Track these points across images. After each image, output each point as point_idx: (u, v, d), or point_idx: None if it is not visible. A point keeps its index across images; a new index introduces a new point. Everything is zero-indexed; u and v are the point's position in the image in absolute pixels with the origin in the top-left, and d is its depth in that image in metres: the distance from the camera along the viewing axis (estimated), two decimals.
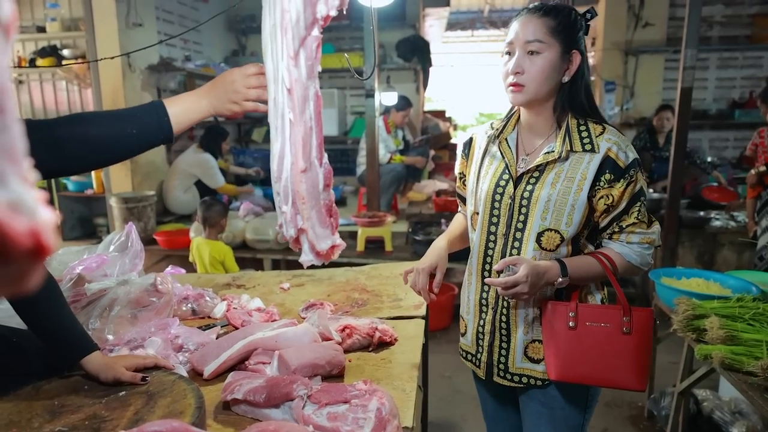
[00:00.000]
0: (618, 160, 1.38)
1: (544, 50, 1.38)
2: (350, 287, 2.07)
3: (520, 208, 1.45)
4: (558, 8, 1.41)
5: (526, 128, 1.52)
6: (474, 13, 11.13)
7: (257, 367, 1.36)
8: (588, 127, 1.43)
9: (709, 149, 6.40)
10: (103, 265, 1.79)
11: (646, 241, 1.44)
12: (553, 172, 1.42)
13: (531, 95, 1.41)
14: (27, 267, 0.32)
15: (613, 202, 1.40)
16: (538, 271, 1.36)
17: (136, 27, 4.65)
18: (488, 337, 1.54)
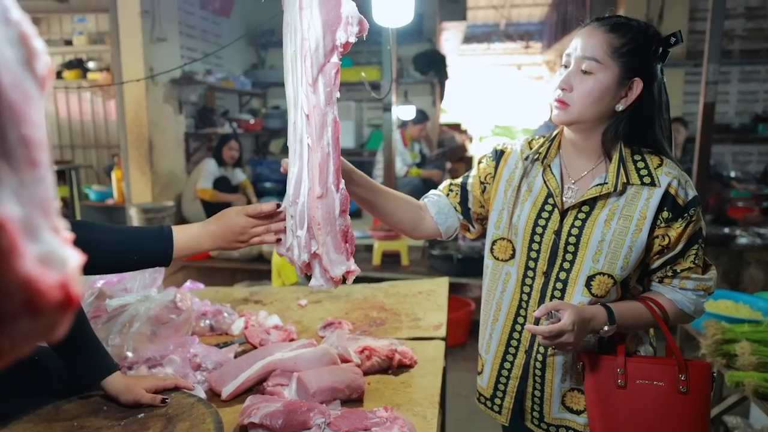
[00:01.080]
0: (678, 197, 1.23)
1: (598, 71, 1.22)
2: (368, 305, 2.06)
3: (566, 246, 1.29)
4: (630, 25, 1.24)
5: (571, 152, 1.35)
6: (490, 26, 11.19)
7: (276, 389, 1.34)
8: (644, 158, 1.28)
9: (732, 163, 6.31)
10: (124, 279, 1.80)
11: (701, 288, 1.30)
12: (606, 207, 1.27)
13: (574, 116, 1.26)
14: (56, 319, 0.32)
15: (669, 244, 1.25)
16: (584, 317, 1.21)
17: (160, 42, 4.72)
18: (516, 382, 1.39)
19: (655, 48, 1.24)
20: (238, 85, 6.13)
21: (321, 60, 1.01)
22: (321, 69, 1.02)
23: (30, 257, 0.30)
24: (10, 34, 0.33)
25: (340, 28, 1.00)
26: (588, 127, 1.29)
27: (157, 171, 4.87)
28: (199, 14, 5.64)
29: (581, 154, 1.34)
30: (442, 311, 1.93)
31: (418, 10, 6.69)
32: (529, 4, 10.15)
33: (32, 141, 0.32)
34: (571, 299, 1.29)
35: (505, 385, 1.41)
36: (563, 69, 1.28)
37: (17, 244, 0.29)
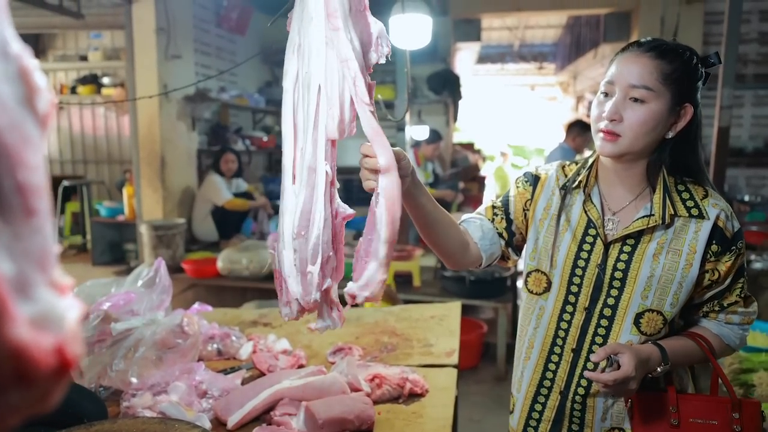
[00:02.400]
0: (726, 230, 1.19)
1: (651, 99, 1.16)
2: (379, 329, 2.02)
3: (611, 281, 1.22)
4: (676, 50, 1.19)
5: (610, 180, 1.28)
6: (504, 47, 11.23)
7: (283, 419, 1.31)
8: (688, 188, 1.23)
9: (747, 187, 6.25)
10: (131, 302, 1.77)
11: (746, 322, 1.28)
12: (653, 241, 1.21)
13: (625, 148, 1.18)
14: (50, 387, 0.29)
15: (719, 278, 1.21)
16: (641, 359, 1.15)
17: (174, 59, 4.76)
18: (548, 426, 1.31)
19: (700, 72, 1.21)
20: (251, 102, 6.16)
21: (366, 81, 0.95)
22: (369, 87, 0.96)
23: (22, 320, 0.27)
24: (9, 69, 0.31)
25: (372, 49, 0.96)
26: (635, 157, 1.22)
27: (168, 188, 4.87)
28: (214, 32, 5.69)
29: (622, 184, 1.26)
30: (455, 337, 1.89)
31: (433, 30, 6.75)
32: (543, 26, 10.18)
33: (29, 188, 0.29)
34: (617, 337, 1.23)
35: (536, 428, 1.33)
36: (603, 97, 1.21)
37: (7, 306, 0.26)
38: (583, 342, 1.26)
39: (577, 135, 4.79)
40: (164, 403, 1.34)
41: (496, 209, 1.39)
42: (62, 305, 0.30)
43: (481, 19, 7.58)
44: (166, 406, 1.33)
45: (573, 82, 11.35)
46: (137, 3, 4.54)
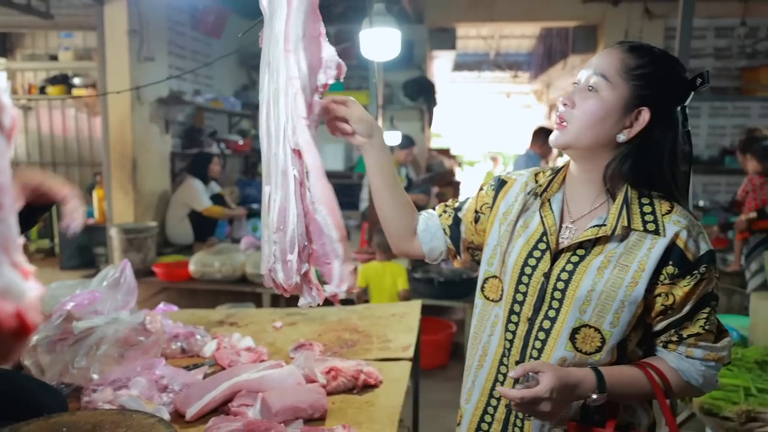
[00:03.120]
0: (687, 250, 1.07)
1: (604, 90, 1.10)
2: (342, 327, 2.07)
3: (553, 292, 1.14)
4: (650, 50, 1.12)
5: (574, 187, 1.21)
6: (481, 55, 11.40)
7: (240, 410, 1.35)
8: (653, 202, 1.12)
9: (702, 193, 6.51)
10: (95, 302, 1.79)
11: (712, 359, 1.12)
12: (602, 254, 1.11)
13: (570, 138, 1.13)
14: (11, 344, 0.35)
15: (674, 304, 1.09)
16: (567, 383, 1.05)
17: (147, 61, 4.76)
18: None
19: (675, 84, 1.12)
20: (227, 105, 6.18)
21: (308, 98, 1.08)
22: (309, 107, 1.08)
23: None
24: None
25: (321, 71, 1.07)
26: (587, 155, 1.15)
27: (140, 191, 4.86)
28: (189, 34, 5.69)
29: (584, 191, 1.18)
30: (413, 333, 1.96)
31: (409, 38, 6.85)
32: (518, 36, 10.37)
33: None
34: (552, 352, 1.13)
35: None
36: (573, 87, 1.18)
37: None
38: (524, 354, 1.17)
39: (544, 142, 4.91)
40: (124, 397, 1.38)
41: (447, 207, 1.38)
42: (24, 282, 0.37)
43: (457, 28, 7.72)
44: (125, 399, 1.36)
45: (546, 91, 11.59)
46: (109, 4, 4.53)
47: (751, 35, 6.43)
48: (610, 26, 6.41)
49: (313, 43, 1.06)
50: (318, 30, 1.07)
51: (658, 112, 1.10)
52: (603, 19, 6.47)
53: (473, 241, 1.34)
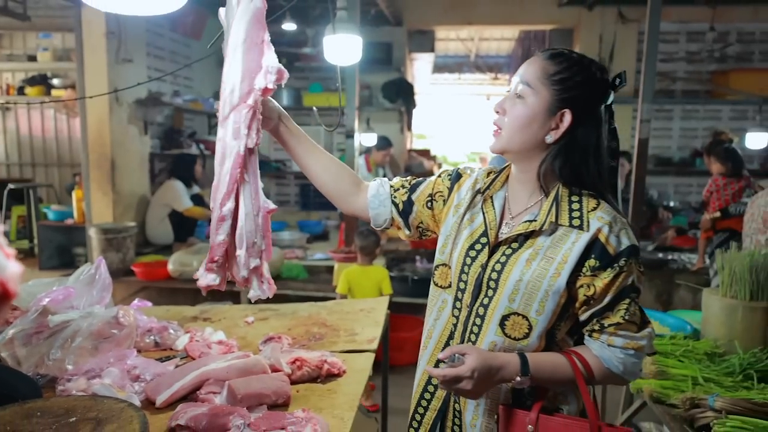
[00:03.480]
0: (608, 244, 1.16)
1: (529, 96, 1.20)
2: (311, 322, 2.16)
3: (488, 281, 1.23)
4: (569, 56, 1.21)
5: (514, 186, 1.31)
6: (461, 57, 11.53)
7: (207, 397, 1.43)
8: (581, 199, 1.21)
9: (674, 194, 6.70)
10: (70, 297, 1.86)
11: (631, 347, 1.19)
12: (532, 247, 1.21)
13: (503, 144, 1.24)
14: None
15: (595, 295, 1.17)
16: (491, 366, 1.15)
17: (125, 62, 4.80)
18: (433, 414, 1.34)
19: (594, 86, 1.20)
20: (206, 107, 6.22)
21: (235, 101, 1.16)
22: (233, 108, 1.16)
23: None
24: None
25: (260, 75, 1.15)
26: (522, 157, 1.25)
27: (119, 191, 4.90)
28: (168, 36, 5.73)
29: (522, 190, 1.29)
30: (379, 326, 2.05)
31: (388, 40, 6.96)
32: (498, 39, 10.51)
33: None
34: (485, 336, 1.23)
35: (422, 415, 1.36)
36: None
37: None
38: (464, 338, 1.27)
39: None
40: (97, 386, 1.45)
41: (405, 183, 1.45)
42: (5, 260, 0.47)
43: (436, 31, 7.83)
44: (98, 387, 1.44)
45: None
46: (86, 6, 4.56)
47: (720, 40, 6.61)
48: (585, 30, 6.57)
49: (254, 49, 1.14)
50: (261, 37, 1.15)
51: (580, 113, 1.19)
52: (578, 22, 6.62)
53: (423, 221, 1.43)
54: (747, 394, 1.93)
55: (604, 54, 6.48)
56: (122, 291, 4.39)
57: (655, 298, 4.34)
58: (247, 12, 1.15)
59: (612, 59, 6.47)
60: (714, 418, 1.72)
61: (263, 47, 1.16)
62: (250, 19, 1.14)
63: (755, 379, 2.04)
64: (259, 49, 1.16)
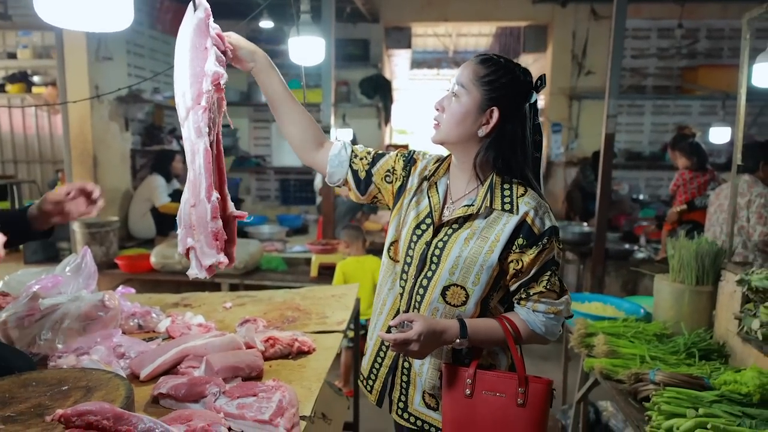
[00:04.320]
0: (534, 225, 1.35)
1: (463, 96, 1.37)
2: (285, 306, 2.30)
3: (432, 257, 1.42)
4: (497, 61, 1.39)
5: (454, 174, 1.49)
6: (440, 53, 11.68)
7: (187, 370, 1.58)
8: (512, 187, 1.40)
9: (645, 188, 6.89)
10: (58, 285, 1.98)
11: (552, 312, 1.40)
12: (469, 228, 1.40)
13: (442, 136, 1.42)
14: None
15: (522, 268, 1.37)
16: (435, 329, 1.33)
17: (105, 60, 4.88)
18: (386, 371, 1.55)
19: (518, 87, 1.37)
20: None
21: (189, 103, 1.29)
22: (188, 111, 1.30)
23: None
24: None
25: (206, 79, 1.27)
26: (460, 149, 1.43)
27: (101, 187, 4.89)
28: (148, 33, 5.80)
29: (462, 177, 1.47)
30: (349, 310, 2.20)
31: (364, 37, 7.08)
32: (475, 35, 10.66)
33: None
34: (428, 303, 1.42)
35: (378, 370, 1.57)
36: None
37: None
38: (410, 305, 1.47)
39: None
40: (86, 361, 1.59)
41: (366, 154, 1.61)
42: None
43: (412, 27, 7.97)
44: (87, 363, 1.57)
45: None
46: None
47: (689, 36, 6.81)
48: (559, 26, 6.73)
49: (198, 55, 1.27)
50: (203, 44, 1.27)
51: (507, 111, 1.38)
52: (552, 19, 6.79)
53: (381, 192, 1.60)
54: (687, 370, 2.11)
55: (577, 50, 6.66)
56: (106, 283, 4.49)
57: (621, 287, 4.54)
58: (191, 21, 1.28)
59: (585, 55, 6.66)
60: (654, 390, 1.90)
61: (206, 53, 1.28)
62: (194, 28, 1.27)
63: (697, 356, 2.23)
64: (203, 54, 1.28)
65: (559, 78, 6.73)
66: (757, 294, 2.04)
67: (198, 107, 1.28)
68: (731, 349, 2.22)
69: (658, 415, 1.68)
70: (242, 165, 7.16)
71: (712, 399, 1.71)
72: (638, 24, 6.81)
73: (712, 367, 2.04)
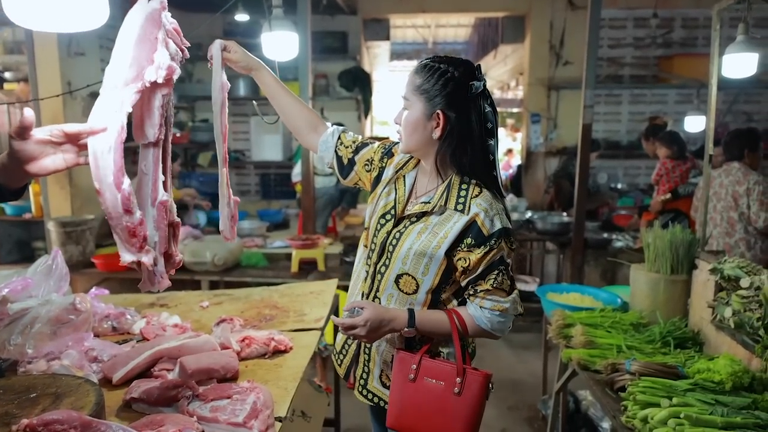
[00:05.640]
0: (483, 226, 1.42)
1: (409, 107, 1.47)
2: (263, 304, 2.29)
3: (389, 246, 1.53)
4: (431, 66, 1.44)
5: (422, 170, 1.58)
6: (419, 44, 11.66)
7: (161, 373, 1.56)
8: (468, 188, 1.47)
9: (624, 177, 6.95)
10: (28, 288, 1.95)
11: (498, 309, 1.47)
12: (423, 222, 1.49)
13: (404, 146, 1.52)
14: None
15: (470, 266, 1.45)
16: (382, 318, 1.44)
17: (78, 56, 4.78)
18: (354, 347, 1.67)
19: (455, 86, 1.41)
20: None
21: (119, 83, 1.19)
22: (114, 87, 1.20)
23: None
24: None
25: (151, 68, 1.18)
26: (422, 154, 1.53)
27: (77, 184, 4.90)
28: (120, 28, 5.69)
29: (426, 176, 1.57)
30: (326, 307, 2.19)
31: (342, 29, 7.03)
32: (454, 25, 10.66)
33: None
34: (384, 290, 1.55)
35: (349, 347, 1.69)
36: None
37: None
38: (371, 289, 1.59)
39: None
40: (56, 367, 1.56)
41: (352, 143, 1.73)
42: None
43: (391, 19, 7.93)
44: (57, 368, 1.54)
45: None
46: None
47: (665, 25, 6.86)
48: (536, 17, 6.74)
49: (146, 43, 1.20)
50: (155, 34, 1.21)
51: (451, 110, 1.43)
52: (529, 10, 6.79)
53: (361, 179, 1.73)
54: (662, 358, 2.14)
55: (554, 40, 6.68)
56: (84, 283, 4.43)
57: (601, 276, 4.58)
58: (144, 9, 1.22)
59: (563, 45, 6.68)
60: (629, 380, 1.92)
61: (156, 44, 1.21)
62: (146, 16, 1.20)
63: (672, 345, 2.25)
64: (152, 44, 1.21)
65: (537, 68, 6.75)
66: (730, 282, 2.07)
67: (133, 85, 1.17)
68: (705, 337, 2.25)
69: (634, 405, 1.70)
70: None
71: (686, 388, 1.73)
72: (614, 14, 6.84)
73: (687, 356, 2.07)
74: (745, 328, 1.90)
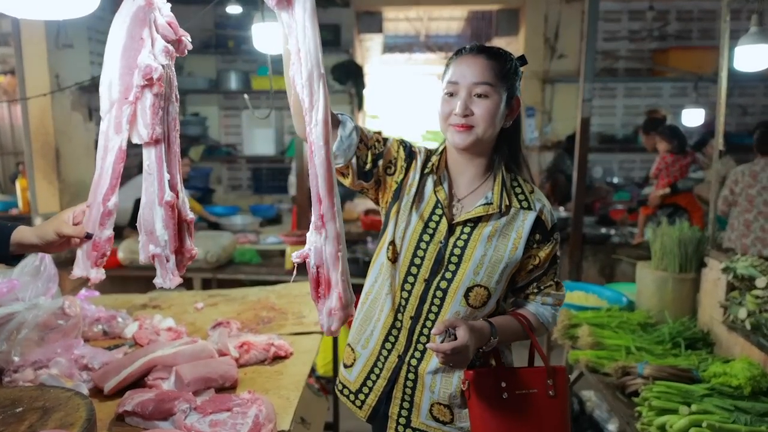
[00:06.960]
0: (546, 222, 1.40)
1: (492, 94, 1.33)
2: (260, 306, 2.21)
3: (450, 257, 1.37)
4: (503, 53, 1.38)
5: (456, 170, 1.45)
6: (411, 37, 11.53)
7: (155, 383, 1.47)
8: (520, 184, 1.43)
9: (619, 170, 6.91)
10: (15, 290, 1.85)
11: (557, 303, 1.45)
12: (489, 226, 1.37)
13: (478, 136, 1.35)
14: None
15: (539, 263, 1.40)
16: (476, 330, 1.29)
17: (66, 48, 4.65)
18: (384, 383, 1.44)
19: (519, 71, 1.39)
20: None
21: (115, 96, 1.16)
22: (113, 104, 1.17)
23: None
24: None
25: (137, 72, 1.15)
26: (482, 147, 1.38)
27: (65, 180, 4.78)
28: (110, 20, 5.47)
29: (467, 173, 1.43)
30: None
31: (335, 22, 6.92)
32: (447, 18, 10.56)
33: None
34: (449, 307, 1.37)
35: (374, 382, 1.45)
36: (449, 96, 1.36)
37: None
38: (421, 310, 1.39)
39: None
40: (44, 376, 1.47)
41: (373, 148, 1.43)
42: None
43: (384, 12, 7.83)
44: (45, 378, 1.46)
45: None
46: None
47: (660, 18, 6.80)
48: (531, 10, 6.66)
49: (133, 50, 1.16)
50: (140, 34, 1.16)
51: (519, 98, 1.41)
52: (523, 3, 6.71)
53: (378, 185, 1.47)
54: (674, 360, 2.08)
55: (549, 34, 6.61)
56: (72, 281, 4.31)
57: (599, 272, 4.52)
58: (130, 8, 1.16)
59: (557, 39, 6.61)
60: (642, 384, 1.86)
61: (140, 46, 1.16)
62: (131, 16, 1.15)
63: (683, 346, 2.20)
64: (138, 45, 1.16)
65: (532, 62, 6.58)
66: (743, 282, 2.01)
67: (125, 102, 1.15)
68: (716, 338, 2.20)
69: (649, 411, 1.64)
70: (212, 154, 6.97)
71: (703, 393, 1.68)
72: (610, 6, 6.78)
73: (700, 358, 2.02)
74: (761, 330, 1.84)
